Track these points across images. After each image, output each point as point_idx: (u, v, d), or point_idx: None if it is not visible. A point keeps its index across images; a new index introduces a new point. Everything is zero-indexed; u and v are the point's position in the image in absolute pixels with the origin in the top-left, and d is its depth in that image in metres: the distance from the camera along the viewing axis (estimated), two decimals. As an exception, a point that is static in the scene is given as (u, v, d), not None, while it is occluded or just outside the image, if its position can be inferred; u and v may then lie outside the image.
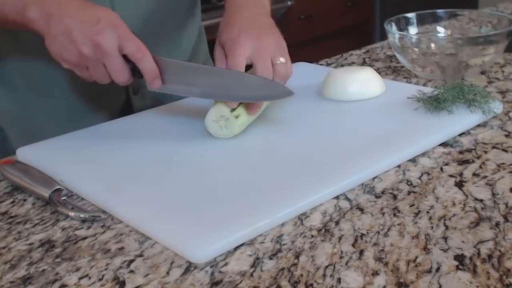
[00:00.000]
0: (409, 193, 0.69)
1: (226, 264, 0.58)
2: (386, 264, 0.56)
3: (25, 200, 0.73)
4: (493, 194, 0.67)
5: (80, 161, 0.79)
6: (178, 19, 1.03)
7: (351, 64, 1.19)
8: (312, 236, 0.61)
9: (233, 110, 0.81)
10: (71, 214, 0.67)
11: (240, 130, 0.83)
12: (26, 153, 0.83)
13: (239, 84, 0.79)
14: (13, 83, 0.96)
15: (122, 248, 0.61)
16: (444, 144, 0.80)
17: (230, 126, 0.81)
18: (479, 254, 0.57)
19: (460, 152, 0.78)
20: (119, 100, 1.00)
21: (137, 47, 0.76)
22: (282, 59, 0.81)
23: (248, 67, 0.83)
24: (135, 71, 0.78)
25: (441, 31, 1.21)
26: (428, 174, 0.73)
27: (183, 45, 1.05)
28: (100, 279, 0.57)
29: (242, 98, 0.80)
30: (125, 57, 0.76)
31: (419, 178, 0.72)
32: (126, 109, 1.01)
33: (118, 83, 0.78)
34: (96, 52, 0.74)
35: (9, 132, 0.98)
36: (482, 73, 1.07)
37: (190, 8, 1.07)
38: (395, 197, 0.68)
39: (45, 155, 0.81)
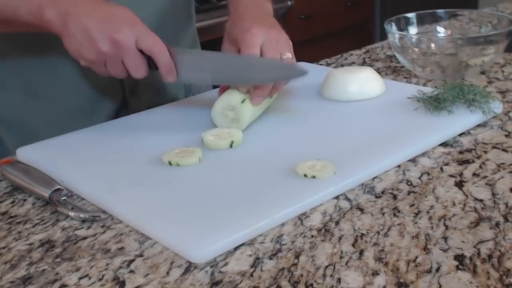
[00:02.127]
0: (409, 193, 0.69)
1: (226, 264, 0.58)
2: (386, 264, 0.56)
3: (25, 200, 0.73)
4: (493, 194, 0.67)
5: (80, 161, 0.79)
6: (174, 27, 1.04)
7: (351, 64, 1.19)
8: (312, 236, 0.61)
9: (242, 101, 0.82)
10: (71, 214, 0.67)
11: (246, 125, 0.84)
12: (26, 153, 0.83)
13: (253, 67, 0.81)
14: (9, 87, 0.96)
15: (122, 248, 0.61)
16: (444, 144, 0.80)
17: (238, 116, 0.82)
18: (479, 254, 0.57)
19: (460, 152, 0.78)
20: (115, 101, 1.01)
21: (153, 42, 0.77)
22: (289, 54, 0.84)
23: None
24: (151, 63, 0.79)
25: (441, 31, 1.21)
26: (428, 174, 0.73)
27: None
28: (100, 279, 0.57)
29: (257, 80, 0.82)
30: (142, 51, 0.78)
31: (419, 178, 0.72)
32: (122, 110, 1.01)
33: (135, 77, 0.80)
34: (114, 49, 0.75)
35: (5, 137, 0.98)
36: (482, 73, 1.07)
37: (186, 14, 1.07)
38: (395, 197, 0.68)
39: (45, 155, 0.81)
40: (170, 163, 0.75)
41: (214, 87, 0.99)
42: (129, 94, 1.01)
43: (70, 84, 0.95)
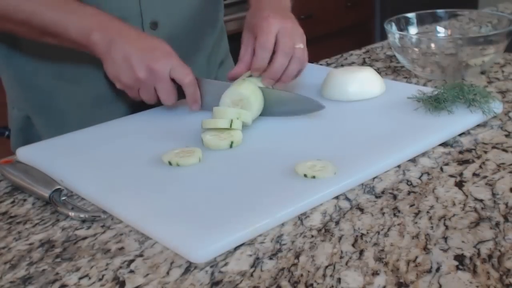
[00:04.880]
0: (409, 193, 0.69)
1: (226, 264, 0.58)
2: (386, 264, 0.56)
3: (25, 200, 0.73)
4: (493, 194, 0.67)
5: (80, 161, 0.79)
6: (203, 21, 1.07)
7: (351, 64, 1.19)
8: (312, 236, 0.61)
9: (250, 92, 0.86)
10: (71, 214, 0.67)
11: (253, 118, 0.85)
12: (26, 153, 0.83)
13: (273, 99, 0.87)
14: (41, 73, 0.99)
15: (122, 248, 0.61)
16: (444, 144, 0.80)
17: (247, 108, 0.84)
18: (479, 254, 0.57)
19: (460, 152, 0.78)
20: None
21: (185, 74, 0.86)
22: (301, 45, 0.89)
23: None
24: (179, 91, 0.88)
25: (441, 31, 1.21)
26: (428, 174, 0.73)
27: (204, 41, 1.08)
28: (100, 279, 0.57)
29: (276, 112, 0.87)
30: (173, 80, 0.86)
31: (419, 178, 0.72)
32: (143, 102, 1.03)
33: (164, 103, 0.88)
34: (150, 77, 0.84)
35: (35, 120, 1.01)
36: (482, 73, 1.07)
37: (214, 8, 1.10)
38: (395, 197, 0.68)
39: (45, 155, 0.81)
40: (170, 163, 0.75)
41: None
42: None
43: (96, 72, 0.97)
